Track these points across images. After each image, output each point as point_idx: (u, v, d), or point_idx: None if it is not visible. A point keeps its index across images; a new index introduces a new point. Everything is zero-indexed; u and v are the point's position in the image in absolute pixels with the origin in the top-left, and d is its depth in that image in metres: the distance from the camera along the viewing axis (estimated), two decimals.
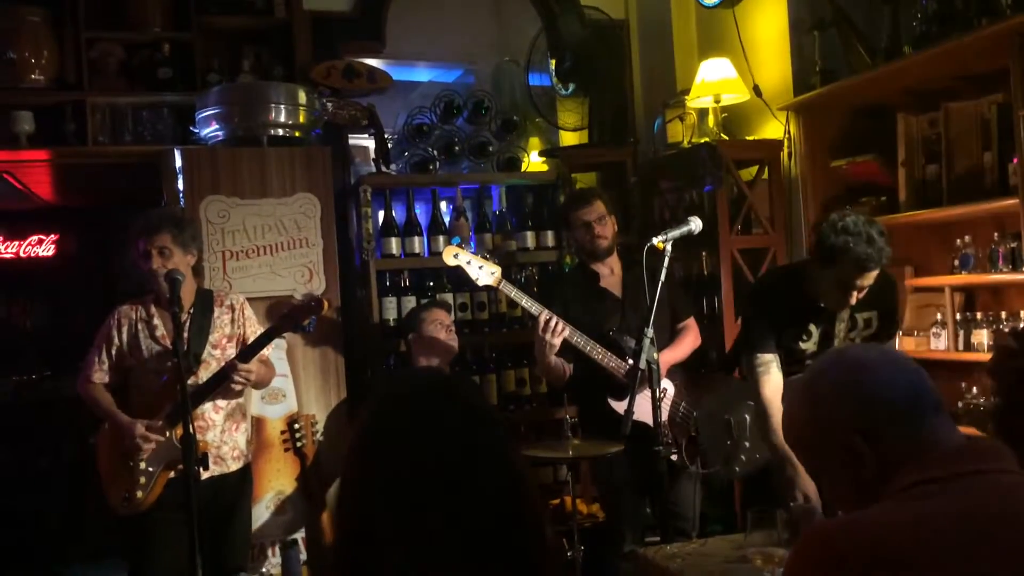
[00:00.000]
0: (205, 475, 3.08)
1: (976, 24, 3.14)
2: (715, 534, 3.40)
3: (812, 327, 3.02)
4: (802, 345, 3.04)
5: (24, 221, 6.51)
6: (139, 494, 3.08)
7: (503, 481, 1.09)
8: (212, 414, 3.18)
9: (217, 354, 3.21)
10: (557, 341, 3.25)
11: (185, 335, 3.15)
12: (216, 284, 3.63)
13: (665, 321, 3.45)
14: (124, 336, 3.20)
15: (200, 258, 3.29)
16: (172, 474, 3.10)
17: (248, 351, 3.14)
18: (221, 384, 3.13)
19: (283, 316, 3.26)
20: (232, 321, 3.29)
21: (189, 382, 3.06)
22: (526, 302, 3.34)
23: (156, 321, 3.20)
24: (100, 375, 3.22)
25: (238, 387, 3.19)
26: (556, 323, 3.24)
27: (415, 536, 1.04)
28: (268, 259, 3.74)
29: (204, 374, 3.15)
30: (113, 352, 3.21)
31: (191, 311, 3.20)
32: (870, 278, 2.77)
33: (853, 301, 2.82)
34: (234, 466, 3.25)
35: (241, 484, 3.31)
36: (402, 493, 1.05)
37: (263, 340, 3.19)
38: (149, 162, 4.09)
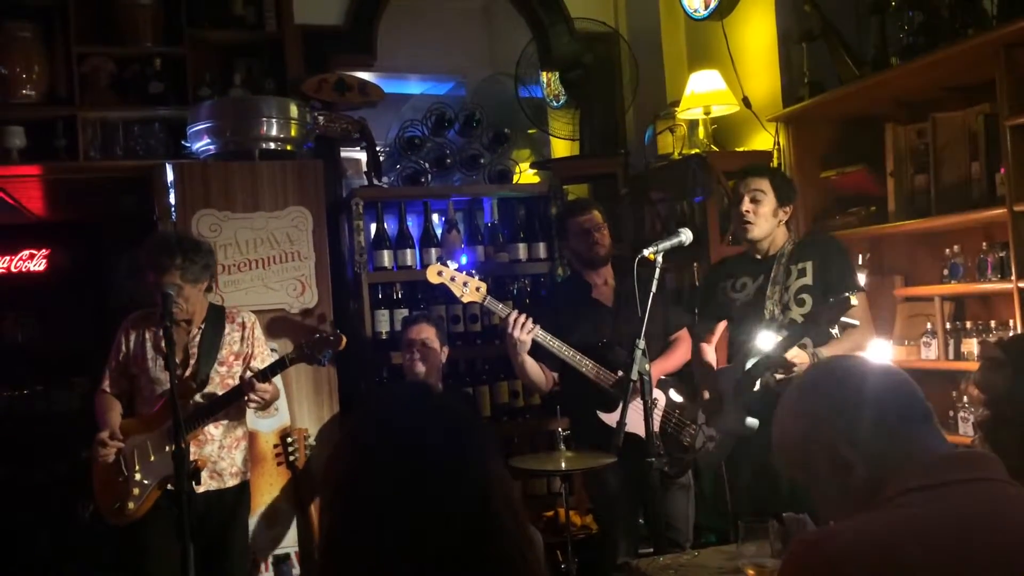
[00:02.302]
0: (200, 490, 3.06)
1: (962, 35, 3.16)
2: (709, 545, 3.41)
3: (747, 280, 3.20)
4: (734, 295, 3.22)
5: (15, 236, 6.49)
6: (131, 505, 3.07)
7: (480, 496, 1.09)
8: (212, 429, 3.16)
9: (223, 371, 3.20)
10: (527, 337, 3.29)
11: (194, 350, 3.16)
12: (208, 298, 3.62)
13: (657, 332, 3.46)
14: (132, 344, 3.22)
15: (214, 279, 3.28)
16: (169, 486, 3.07)
17: (263, 374, 3.12)
18: (234, 401, 3.12)
19: (300, 347, 3.21)
20: (242, 339, 3.28)
21: (194, 399, 3.07)
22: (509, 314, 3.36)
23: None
24: (107, 383, 3.24)
25: (253, 406, 3.19)
26: (524, 320, 3.27)
27: (393, 551, 1.05)
28: (260, 272, 3.74)
29: (209, 390, 3.15)
30: (121, 360, 3.23)
31: (202, 327, 3.21)
32: (747, 183, 3.16)
33: (745, 208, 3.14)
34: (231, 482, 3.21)
35: (238, 501, 3.27)
36: (379, 506, 1.06)
37: (277, 368, 3.17)
38: (141, 176, 4.09)
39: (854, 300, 2.71)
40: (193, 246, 3.15)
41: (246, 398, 3.12)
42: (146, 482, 3.08)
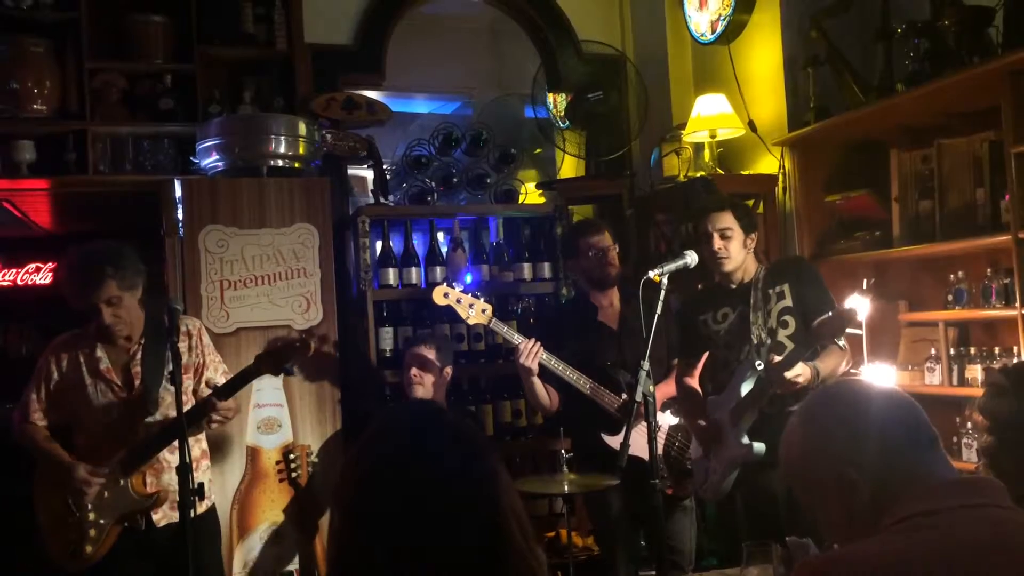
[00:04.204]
0: (162, 523, 2.89)
1: (968, 63, 3.18)
2: (711, 568, 3.39)
3: (727, 310, 3.22)
4: (716, 326, 3.23)
5: (22, 249, 6.51)
6: (88, 548, 2.84)
7: (492, 516, 1.09)
8: (168, 455, 2.89)
9: (174, 388, 2.80)
10: (534, 364, 3.32)
11: (138, 369, 2.94)
12: (213, 313, 3.64)
13: (661, 355, 3.46)
14: (64, 370, 2.96)
15: (146, 284, 3.02)
16: (127, 524, 2.88)
17: (227, 389, 2.91)
18: (194, 424, 2.89)
19: (262, 356, 3.00)
20: (189, 349, 3.05)
21: (145, 423, 2.87)
22: (517, 339, 3.37)
23: (100, 353, 2.97)
24: (39, 415, 2.98)
25: (214, 426, 3.00)
26: (534, 348, 3.29)
27: (402, 569, 1.05)
28: (266, 289, 3.75)
29: (160, 412, 2.92)
30: (52, 388, 2.97)
31: (142, 342, 2.96)
32: (713, 221, 3.14)
33: (717, 247, 3.13)
34: (197, 509, 2.90)
35: (205, 529, 3.02)
36: (390, 527, 1.07)
37: (239, 381, 2.96)
38: (149, 191, 4.11)
39: (862, 306, 2.73)
40: (117, 250, 2.92)
41: (207, 419, 2.91)
42: (102, 521, 2.86)
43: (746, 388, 3.01)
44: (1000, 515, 1.33)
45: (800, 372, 2.88)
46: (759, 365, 2.97)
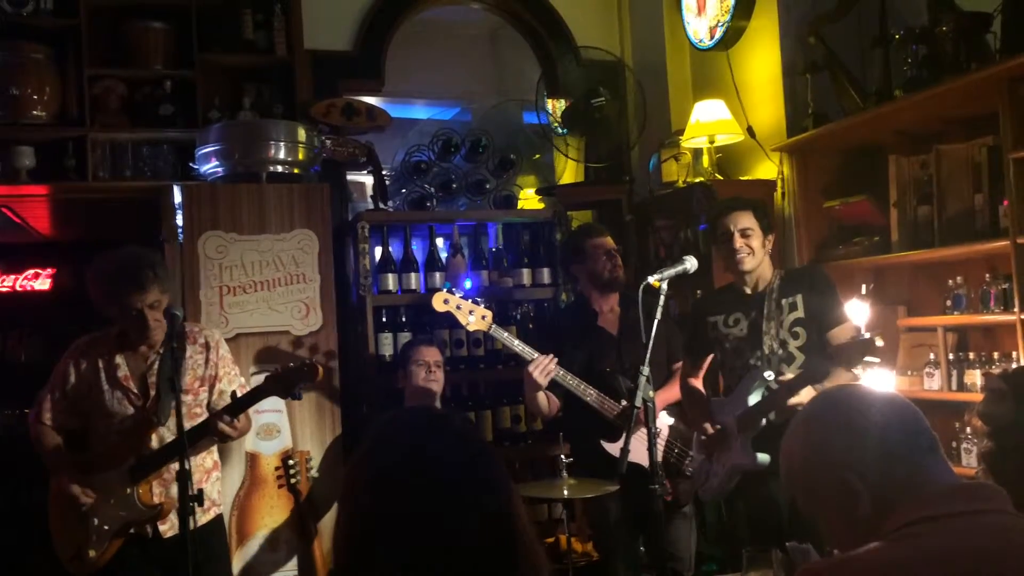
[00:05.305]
0: (168, 533, 2.88)
1: (966, 68, 3.19)
2: (710, 573, 3.39)
3: (740, 316, 3.19)
4: (726, 331, 3.21)
5: (21, 255, 6.51)
6: (91, 553, 2.85)
7: (501, 517, 1.10)
8: (176, 465, 2.78)
9: (188, 400, 2.93)
10: (544, 380, 3.29)
11: (153, 379, 2.93)
12: (213, 319, 3.64)
13: (661, 360, 3.46)
14: (83, 375, 2.96)
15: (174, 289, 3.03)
16: (132, 531, 2.88)
17: (235, 407, 2.90)
18: (202, 439, 2.89)
19: (273, 378, 2.98)
20: (206, 361, 3.04)
21: (157, 434, 2.87)
22: (517, 346, 3.36)
23: (118, 360, 2.96)
24: (49, 415, 2.98)
25: (217, 439, 2.97)
26: (547, 363, 3.27)
27: (411, 573, 1.05)
28: (265, 295, 3.75)
29: (173, 422, 2.81)
30: (68, 391, 2.97)
31: (160, 351, 2.92)
32: (735, 221, 3.13)
33: (738, 245, 3.12)
34: (203, 519, 2.94)
35: (213, 537, 3.02)
36: (396, 529, 1.07)
37: (249, 400, 2.95)
38: (149, 197, 4.12)
39: (879, 341, 2.71)
40: (148, 254, 2.93)
41: (216, 433, 2.88)
42: (106, 527, 2.86)
43: (754, 398, 3.01)
44: (1003, 521, 1.33)
45: (804, 401, 2.88)
46: (769, 376, 2.96)
